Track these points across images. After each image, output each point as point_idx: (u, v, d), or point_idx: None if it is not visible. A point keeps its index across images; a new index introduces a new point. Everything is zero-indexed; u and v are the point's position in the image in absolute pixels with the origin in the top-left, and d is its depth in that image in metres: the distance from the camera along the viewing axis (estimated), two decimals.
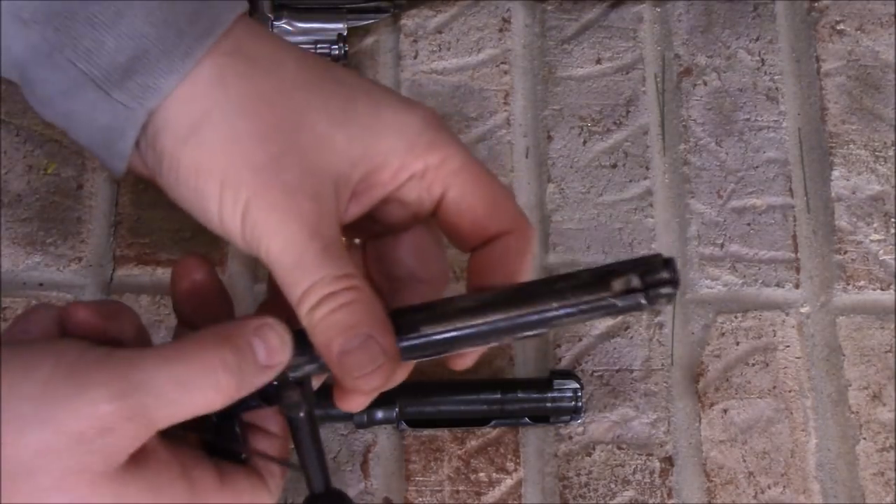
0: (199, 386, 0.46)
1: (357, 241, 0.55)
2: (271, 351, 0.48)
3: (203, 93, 0.48)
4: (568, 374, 0.65)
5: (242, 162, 0.47)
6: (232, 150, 0.48)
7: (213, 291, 0.51)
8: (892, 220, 0.70)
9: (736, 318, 0.68)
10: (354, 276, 0.48)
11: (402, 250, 0.53)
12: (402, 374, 0.51)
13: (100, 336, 0.48)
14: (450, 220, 0.52)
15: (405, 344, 0.49)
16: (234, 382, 0.47)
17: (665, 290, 0.46)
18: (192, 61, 0.47)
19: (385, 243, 0.53)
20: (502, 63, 0.74)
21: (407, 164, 0.50)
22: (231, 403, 0.47)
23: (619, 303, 0.46)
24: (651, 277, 0.46)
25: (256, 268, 0.69)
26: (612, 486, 0.64)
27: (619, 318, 0.68)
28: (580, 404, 0.64)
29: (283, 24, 0.71)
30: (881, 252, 0.70)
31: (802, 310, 0.69)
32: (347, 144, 0.49)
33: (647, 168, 0.72)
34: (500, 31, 0.75)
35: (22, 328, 0.49)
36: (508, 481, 0.65)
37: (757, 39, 0.75)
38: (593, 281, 0.47)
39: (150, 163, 0.49)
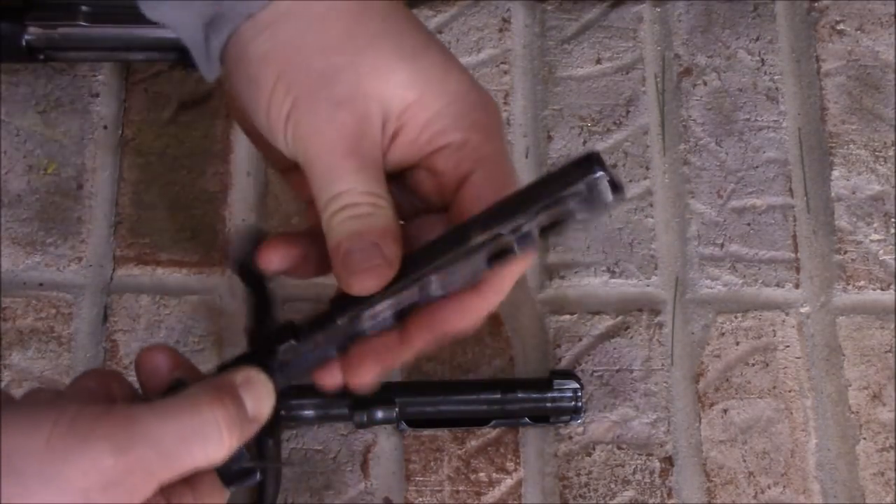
0: (202, 440, 0.47)
1: None
2: (258, 402, 0.49)
3: (288, 2, 0.50)
4: (568, 374, 0.65)
5: (301, 63, 0.49)
6: (296, 50, 0.49)
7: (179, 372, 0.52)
8: (892, 220, 0.70)
9: (736, 318, 0.68)
10: (381, 196, 0.49)
11: (415, 235, 0.53)
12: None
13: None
14: (463, 205, 0.52)
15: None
16: (237, 435, 0.47)
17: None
18: None
19: (406, 229, 0.54)
20: (502, 63, 0.74)
21: (448, 131, 0.51)
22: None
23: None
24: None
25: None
26: (612, 486, 0.64)
27: (619, 317, 0.68)
28: (580, 404, 0.64)
29: None
30: (881, 252, 0.70)
31: (802, 310, 0.69)
32: (406, 82, 0.50)
33: (647, 168, 0.72)
34: (500, 31, 0.75)
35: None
36: (508, 481, 0.65)
37: (757, 39, 0.75)
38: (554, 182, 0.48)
39: (224, 55, 0.51)
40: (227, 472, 0.49)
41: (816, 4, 0.76)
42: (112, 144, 0.72)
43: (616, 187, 0.48)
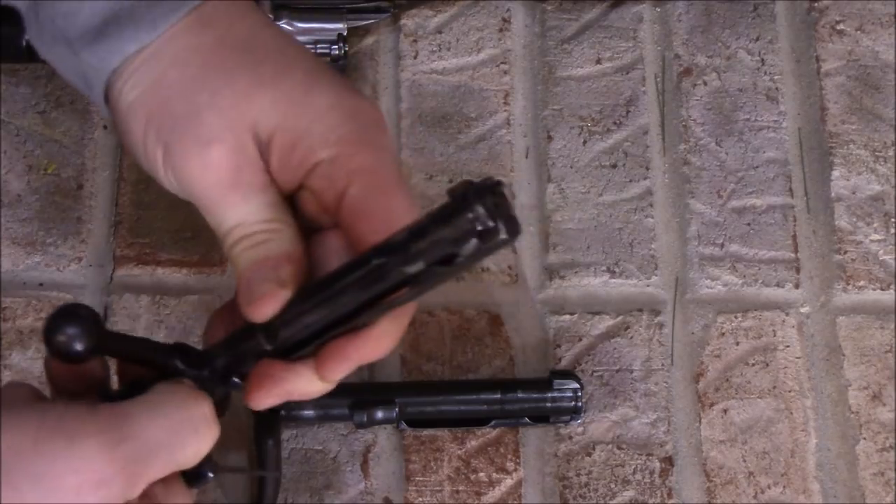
0: (193, 433, 0.47)
1: None
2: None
3: (154, 46, 0.51)
4: (568, 374, 0.65)
5: (165, 107, 0.50)
6: (158, 95, 0.50)
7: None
8: (892, 220, 0.70)
9: (736, 318, 0.68)
10: (275, 220, 0.50)
11: (317, 251, 0.52)
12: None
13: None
14: (346, 221, 0.50)
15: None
16: (216, 430, 0.48)
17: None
18: (156, 33, 0.50)
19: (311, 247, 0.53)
20: (502, 63, 0.74)
21: (316, 148, 0.50)
22: None
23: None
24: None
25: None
26: (612, 486, 0.64)
27: (619, 317, 0.68)
28: (580, 404, 0.64)
29: (283, 24, 0.71)
30: (881, 252, 0.70)
31: (802, 310, 0.69)
32: (269, 107, 0.50)
33: (647, 168, 0.72)
34: (500, 31, 0.75)
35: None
36: (508, 481, 0.65)
37: (757, 39, 0.75)
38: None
39: (109, 104, 0.52)
40: (191, 473, 0.49)
41: (816, 4, 0.76)
42: (112, 144, 0.72)
43: (508, 224, 0.44)
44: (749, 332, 0.68)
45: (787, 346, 0.68)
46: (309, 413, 0.64)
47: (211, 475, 0.50)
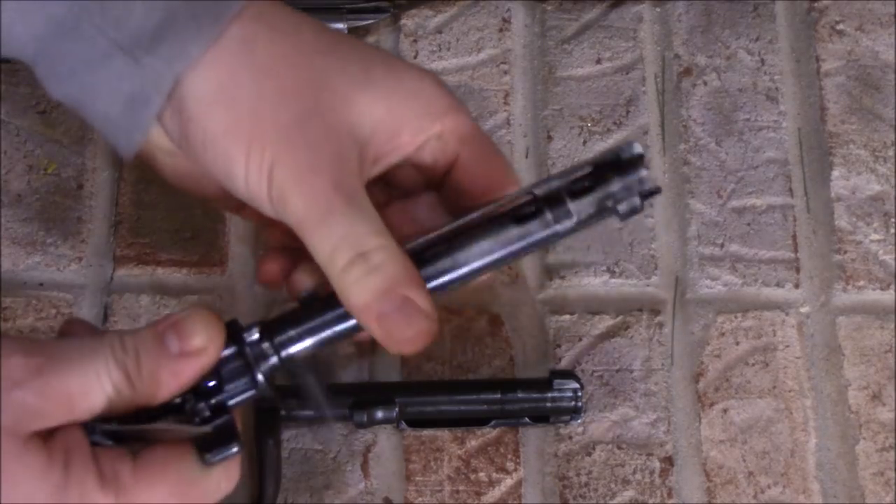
0: (102, 365, 0.46)
1: None
2: (185, 337, 0.48)
3: (230, 57, 0.49)
4: (568, 374, 0.65)
5: (268, 122, 0.48)
6: (257, 111, 0.48)
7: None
8: (892, 220, 0.70)
9: (736, 318, 0.68)
10: (382, 233, 0.49)
11: (418, 212, 0.54)
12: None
13: None
14: (459, 184, 0.52)
15: (433, 284, 0.50)
16: (132, 363, 0.46)
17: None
18: (219, 26, 0.48)
19: (394, 211, 0.54)
20: (502, 63, 0.74)
21: (425, 127, 0.51)
22: (215, 393, 0.48)
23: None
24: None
25: (257, 268, 0.69)
26: (612, 485, 0.64)
27: (619, 317, 0.68)
28: (580, 404, 0.64)
29: None
30: (881, 252, 0.70)
31: (802, 310, 0.69)
32: (369, 106, 0.50)
33: (647, 168, 0.72)
34: (500, 31, 0.75)
35: None
36: (508, 481, 0.65)
37: (757, 39, 0.75)
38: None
39: (174, 131, 0.49)
40: (207, 440, 0.48)
41: (816, 4, 0.76)
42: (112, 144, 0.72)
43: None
44: (749, 332, 0.68)
45: (787, 346, 0.68)
46: (309, 413, 0.64)
47: (233, 447, 0.49)
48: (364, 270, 0.48)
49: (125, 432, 0.48)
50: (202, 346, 0.48)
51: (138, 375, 0.47)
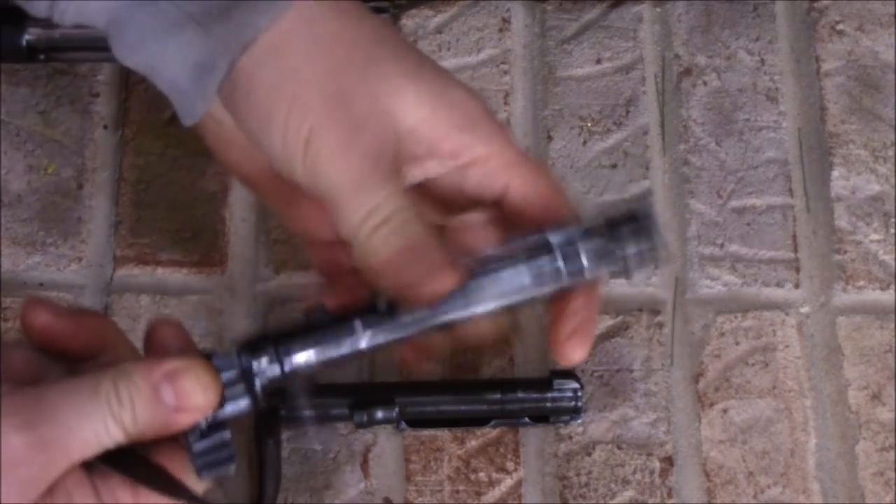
0: (97, 416, 0.46)
1: None
2: (182, 395, 0.48)
3: (288, 26, 0.49)
4: (568, 374, 0.65)
5: (314, 89, 0.49)
6: (305, 77, 0.49)
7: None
8: (892, 220, 0.70)
9: (736, 318, 0.68)
10: (410, 209, 0.49)
11: (461, 234, 0.53)
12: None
13: (67, 342, 0.50)
14: (511, 213, 0.52)
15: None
16: (128, 416, 0.47)
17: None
18: (287, 4, 0.49)
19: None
20: (502, 63, 0.74)
21: (468, 143, 0.52)
22: (215, 409, 0.49)
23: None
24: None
25: (256, 267, 0.69)
26: (612, 485, 0.64)
27: (619, 317, 0.68)
28: (580, 404, 0.64)
29: None
30: (881, 252, 0.70)
31: (802, 310, 0.69)
32: (414, 101, 0.50)
33: (647, 168, 0.72)
34: (500, 31, 0.75)
35: None
36: (508, 481, 0.65)
37: (757, 39, 0.75)
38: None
39: (225, 90, 0.50)
40: (204, 460, 0.49)
41: (816, 4, 0.76)
42: (112, 144, 0.72)
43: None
44: (749, 332, 0.68)
45: (787, 346, 0.68)
46: (309, 413, 0.64)
47: (229, 465, 0.49)
48: (386, 232, 0.49)
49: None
50: (199, 405, 0.48)
51: (134, 427, 0.47)
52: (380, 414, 0.64)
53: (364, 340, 0.50)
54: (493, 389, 0.65)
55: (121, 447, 0.48)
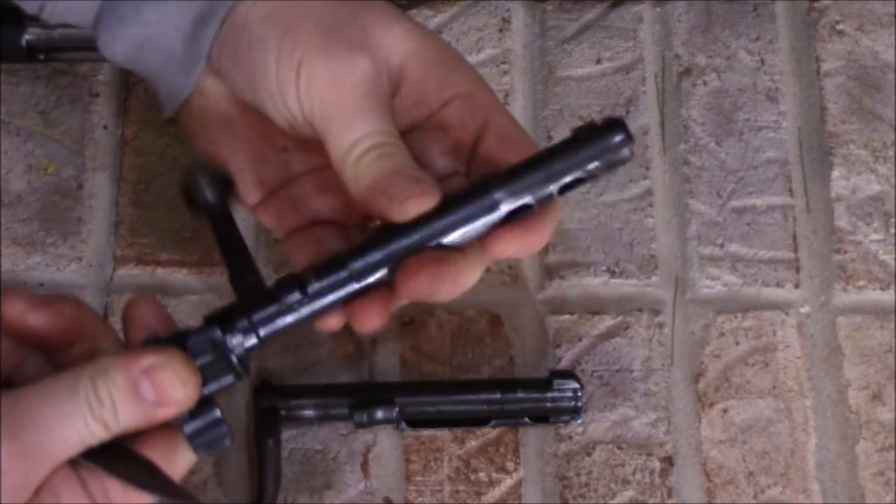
0: (78, 417, 0.46)
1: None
2: (161, 390, 0.48)
3: None
4: (568, 374, 0.65)
5: (307, 16, 0.50)
6: (298, 8, 0.50)
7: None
8: (892, 220, 0.70)
9: (736, 318, 0.68)
10: (399, 139, 0.50)
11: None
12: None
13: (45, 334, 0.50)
14: (487, 158, 0.53)
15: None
16: (109, 414, 0.47)
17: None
18: None
19: None
20: (502, 63, 0.74)
21: (453, 81, 0.52)
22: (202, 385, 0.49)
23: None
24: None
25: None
26: (612, 485, 0.64)
27: (619, 317, 0.68)
28: (580, 404, 0.64)
29: None
30: (881, 252, 0.70)
31: (802, 310, 0.69)
32: (404, 35, 0.51)
33: (647, 168, 0.72)
34: (500, 31, 0.75)
35: None
36: (508, 481, 0.65)
37: (757, 39, 0.75)
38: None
39: (218, 44, 0.51)
40: (198, 441, 0.49)
41: (816, 4, 0.76)
42: (112, 144, 0.72)
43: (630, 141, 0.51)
44: (749, 332, 0.68)
45: (787, 346, 0.68)
46: (309, 413, 0.64)
47: (223, 441, 0.49)
48: (375, 156, 0.49)
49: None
50: (179, 400, 0.48)
51: (116, 424, 0.47)
52: (380, 414, 0.64)
53: (329, 298, 0.51)
54: (493, 389, 0.65)
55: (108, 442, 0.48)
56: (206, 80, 0.54)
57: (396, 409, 0.64)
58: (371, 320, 0.51)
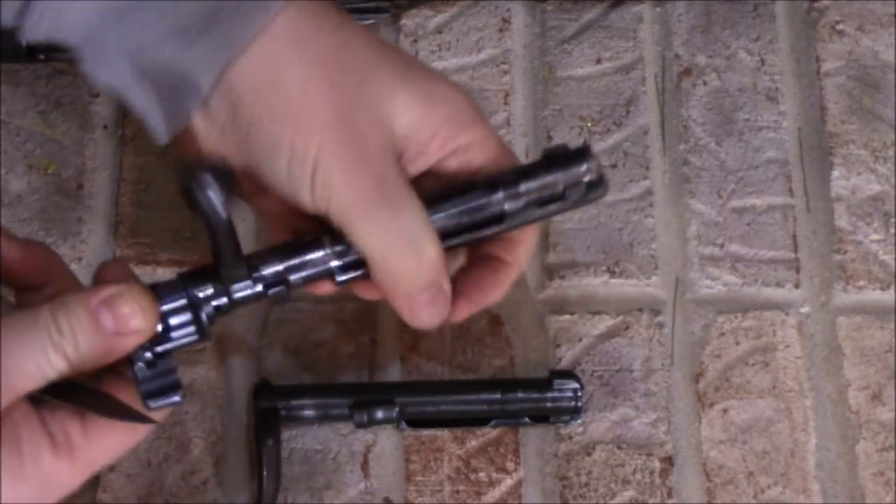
0: (38, 348, 0.47)
1: None
2: (121, 318, 0.48)
3: (279, 48, 0.50)
4: (568, 374, 0.65)
5: (315, 111, 0.50)
6: (305, 100, 0.50)
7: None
8: (892, 220, 0.70)
9: (736, 318, 0.68)
10: (428, 223, 0.51)
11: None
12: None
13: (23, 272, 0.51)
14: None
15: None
16: (69, 345, 0.47)
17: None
18: (269, 14, 0.49)
19: None
20: (502, 63, 0.74)
21: (455, 136, 0.53)
22: (160, 342, 0.49)
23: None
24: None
25: None
26: (612, 485, 0.64)
27: (619, 317, 0.68)
28: (580, 404, 0.64)
29: None
30: (881, 252, 0.70)
31: (802, 310, 0.69)
32: (408, 103, 0.51)
33: (647, 168, 0.72)
34: (500, 31, 0.75)
35: None
36: (508, 481, 0.65)
37: (757, 39, 0.75)
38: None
39: (220, 116, 0.50)
40: (148, 387, 0.49)
41: (816, 4, 0.76)
42: (112, 144, 0.72)
43: (601, 182, 0.54)
44: (749, 332, 0.68)
45: (787, 346, 0.68)
46: (309, 413, 0.64)
47: (176, 394, 0.50)
48: (415, 263, 0.51)
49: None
50: (139, 328, 0.48)
51: (76, 355, 0.47)
52: (380, 414, 0.64)
53: (304, 273, 0.52)
54: (493, 389, 0.65)
55: (67, 381, 0.48)
56: (201, 122, 0.53)
57: (396, 409, 0.64)
58: (460, 312, 0.55)
